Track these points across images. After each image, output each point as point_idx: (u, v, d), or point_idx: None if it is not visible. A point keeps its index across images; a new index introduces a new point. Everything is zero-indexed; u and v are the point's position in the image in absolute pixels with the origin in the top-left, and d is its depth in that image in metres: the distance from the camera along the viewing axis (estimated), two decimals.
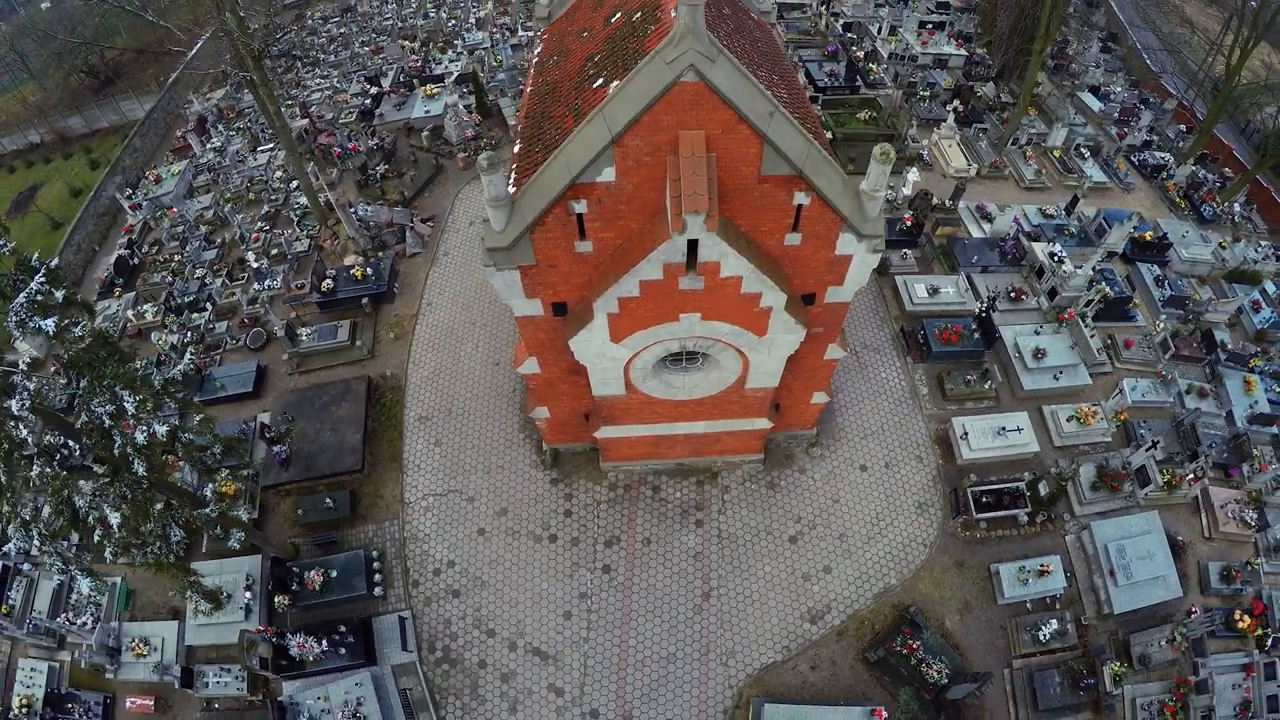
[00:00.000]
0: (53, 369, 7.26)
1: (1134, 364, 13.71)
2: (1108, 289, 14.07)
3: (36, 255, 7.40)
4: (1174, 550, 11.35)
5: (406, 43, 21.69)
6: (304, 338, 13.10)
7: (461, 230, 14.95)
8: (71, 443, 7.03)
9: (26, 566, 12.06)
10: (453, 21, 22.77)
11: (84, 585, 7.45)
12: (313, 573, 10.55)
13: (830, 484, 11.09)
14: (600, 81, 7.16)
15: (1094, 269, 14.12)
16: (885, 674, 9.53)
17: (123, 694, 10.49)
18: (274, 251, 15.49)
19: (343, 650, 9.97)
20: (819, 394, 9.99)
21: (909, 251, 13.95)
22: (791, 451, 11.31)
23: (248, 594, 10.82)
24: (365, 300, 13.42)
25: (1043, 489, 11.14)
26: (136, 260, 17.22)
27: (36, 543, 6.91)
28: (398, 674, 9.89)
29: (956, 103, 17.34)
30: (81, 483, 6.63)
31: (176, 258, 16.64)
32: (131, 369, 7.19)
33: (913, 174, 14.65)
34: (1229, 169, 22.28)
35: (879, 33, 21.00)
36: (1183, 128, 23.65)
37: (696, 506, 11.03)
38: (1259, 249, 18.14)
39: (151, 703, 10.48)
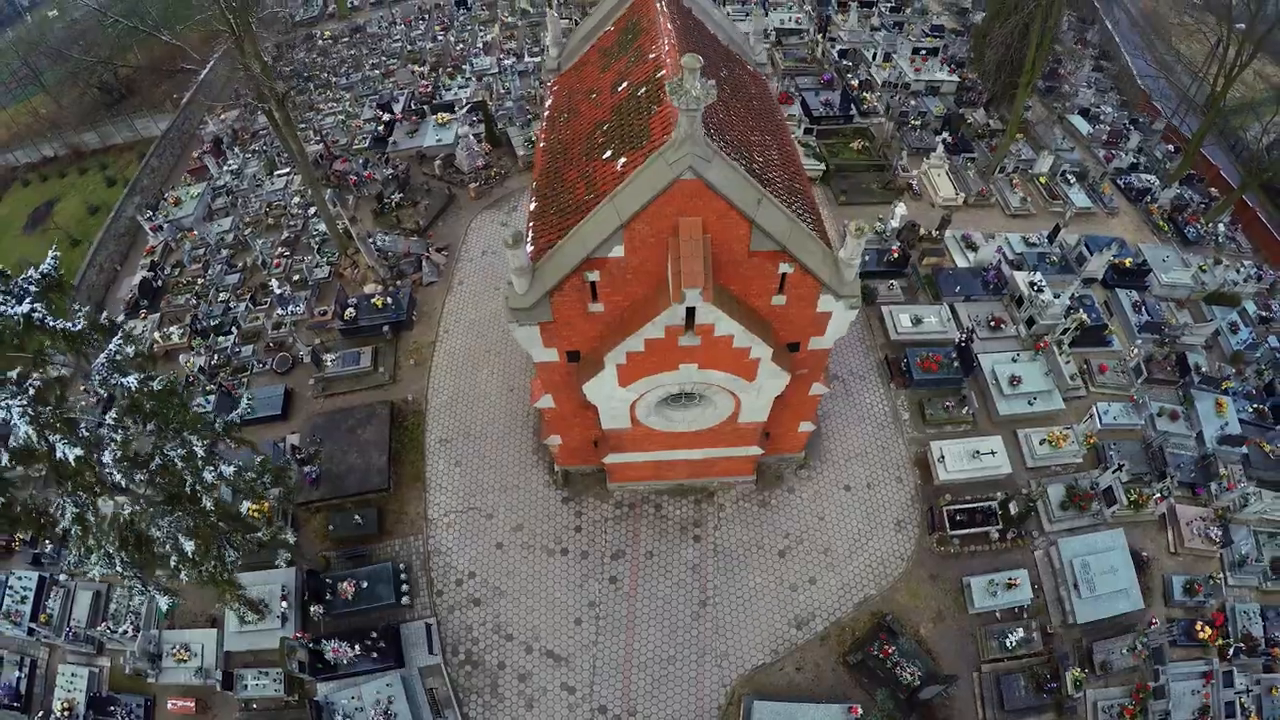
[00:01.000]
0: (112, 412, 8.35)
1: (1108, 388, 14.98)
2: (1085, 316, 15.36)
3: (106, 315, 8.67)
4: (1138, 565, 12.62)
5: (416, 67, 22.95)
6: (329, 363, 14.42)
7: (475, 260, 16.29)
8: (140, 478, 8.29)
9: (63, 578, 13.38)
10: (460, 45, 24.04)
11: (163, 603, 8.73)
12: (345, 583, 11.87)
13: (816, 503, 12.42)
14: (610, 153, 8.46)
15: (1073, 296, 15.43)
16: (863, 676, 10.85)
17: (163, 697, 11.72)
18: (295, 277, 16.80)
19: (374, 654, 11.29)
20: (806, 423, 11.30)
21: (895, 283, 15.25)
22: (781, 473, 12.63)
23: (284, 603, 12.14)
24: (386, 328, 14.74)
25: (1013, 508, 12.45)
26: (160, 282, 18.51)
27: (119, 569, 8.19)
28: (424, 675, 11.22)
29: (945, 134, 18.55)
30: (161, 519, 7.92)
31: (199, 281, 17.95)
32: (197, 415, 8.48)
33: (900, 208, 15.91)
34: (1215, 189, 23.54)
35: (874, 59, 22.25)
36: (1171, 148, 24.89)
37: (694, 523, 12.35)
38: (1241, 269, 19.40)
39: (192, 704, 11.75)
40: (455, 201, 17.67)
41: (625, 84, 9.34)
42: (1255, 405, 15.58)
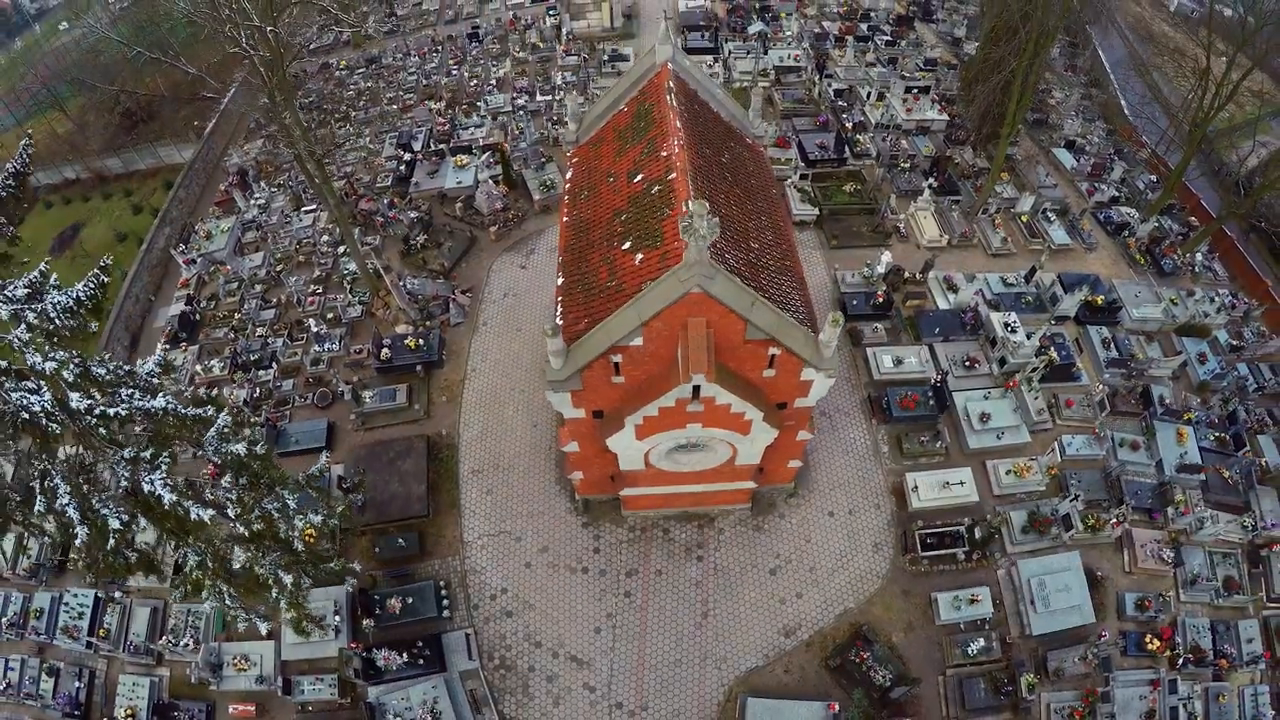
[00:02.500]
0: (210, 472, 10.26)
1: (1073, 421, 17.13)
2: (1055, 355, 17.53)
3: (216, 391, 10.79)
4: (1092, 583, 14.78)
5: (432, 104, 25.00)
6: (368, 399, 16.62)
7: (497, 301, 18.48)
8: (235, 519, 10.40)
9: (119, 595, 15.47)
10: (474, 81, 26.07)
11: (262, 627, 10.87)
12: (393, 599, 14.14)
13: (804, 527, 14.69)
14: (629, 245, 10.64)
15: (1044, 336, 17.58)
16: (842, 677, 13.14)
17: (223, 702, 13.79)
18: (330, 315, 18.96)
19: (420, 661, 13.56)
20: (794, 460, 13.54)
21: (879, 325, 17.45)
22: (773, 501, 14.89)
23: (336, 617, 14.38)
24: (419, 367, 16.93)
25: (978, 532, 14.70)
26: (197, 316, 20.63)
27: (228, 602, 10.37)
28: (464, 678, 13.50)
29: (932, 180, 20.66)
30: (263, 560, 10.11)
31: (236, 315, 20.08)
32: (283, 473, 10.66)
33: (886, 255, 18.07)
34: (1195, 218, 25.63)
35: (868, 97, 24.32)
36: (1154, 178, 26.99)
37: (697, 545, 14.61)
38: (1215, 298, 21.50)
39: (253, 708, 13.92)
40: (476, 243, 19.84)
41: (641, 176, 11.49)
42: (1217, 434, 17.68)
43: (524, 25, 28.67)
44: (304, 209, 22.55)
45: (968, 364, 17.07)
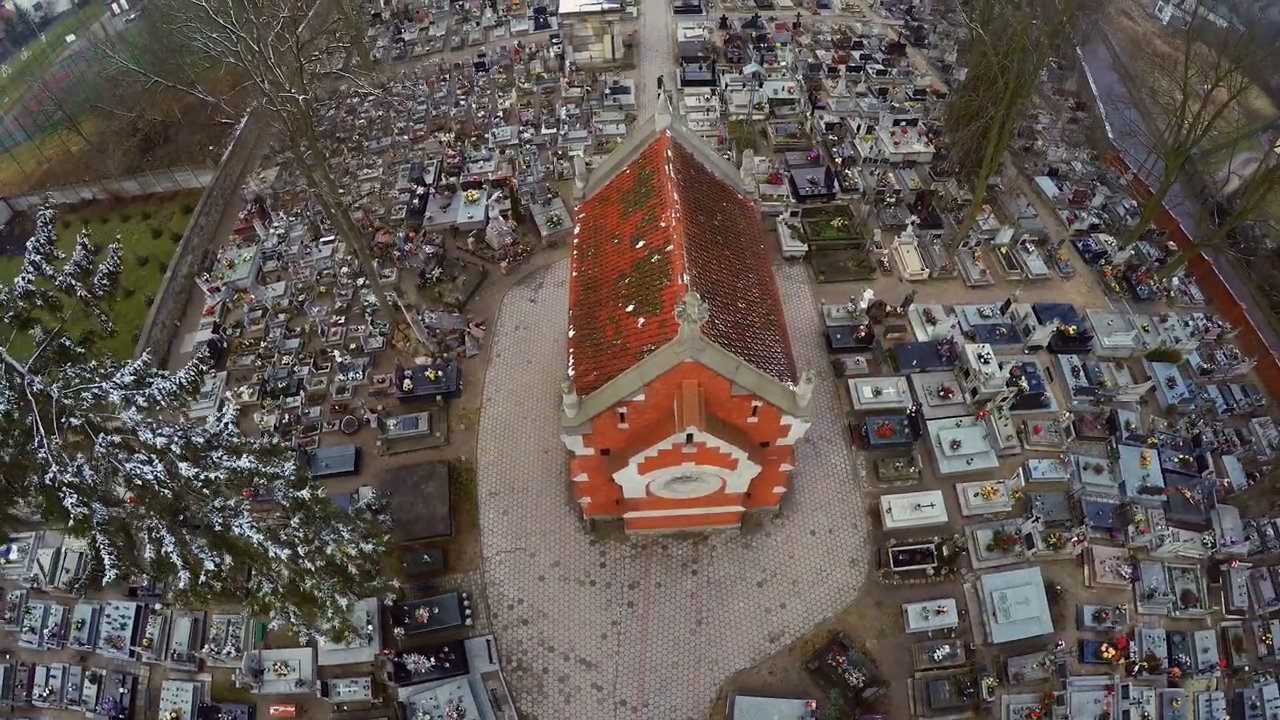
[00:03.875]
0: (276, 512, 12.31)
1: (1040, 446, 19.24)
2: (1025, 384, 19.66)
3: (278, 440, 12.90)
4: (1052, 596, 16.96)
5: (442, 136, 27.07)
6: (392, 427, 18.80)
7: (509, 334, 20.67)
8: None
9: (158, 606, 17.60)
10: (482, 113, 28.13)
11: (322, 641, 13.07)
12: (420, 610, 16.37)
13: (788, 544, 16.93)
14: (632, 308, 12.81)
15: (1015, 366, 19.71)
16: (820, 679, 15.40)
17: (263, 705, 15.98)
18: (352, 346, 21.10)
19: (446, 664, 15.80)
20: (778, 486, 15.75)
21: (861, 358, 19.64)
22: (761, 521, 17.12)
23: (369, 626, 16.63)
24: (438, 396, 19.11)
25: (945, 550, 16.91)
26: (224, 343, 22.75)
27: (292, 620, 12.57)
28: (486, 679, 15.75)
29: (915, 218, 22.78)
30: (324, 585, 12.31)
31: (262, 343, 22.20)
32: (339, 510, 12.82)
33: (868, 293, 20.24)
34: (1174, 243, 27.69)
35: (858, 130, 26.41)
36: (1135, 203, 29.05)
37: (692, 561, 16.85)
38: (1189, 321, 23.56)
39: (292, 709, 16.16)
40: (488, 277, 21.98)
41: (642, 243, 13.64)
42: (1181, 456, 19.72)
43: (528, 54, 30.70)
44: (322, 239, 24.66)
45: (942, 394, 19.25)
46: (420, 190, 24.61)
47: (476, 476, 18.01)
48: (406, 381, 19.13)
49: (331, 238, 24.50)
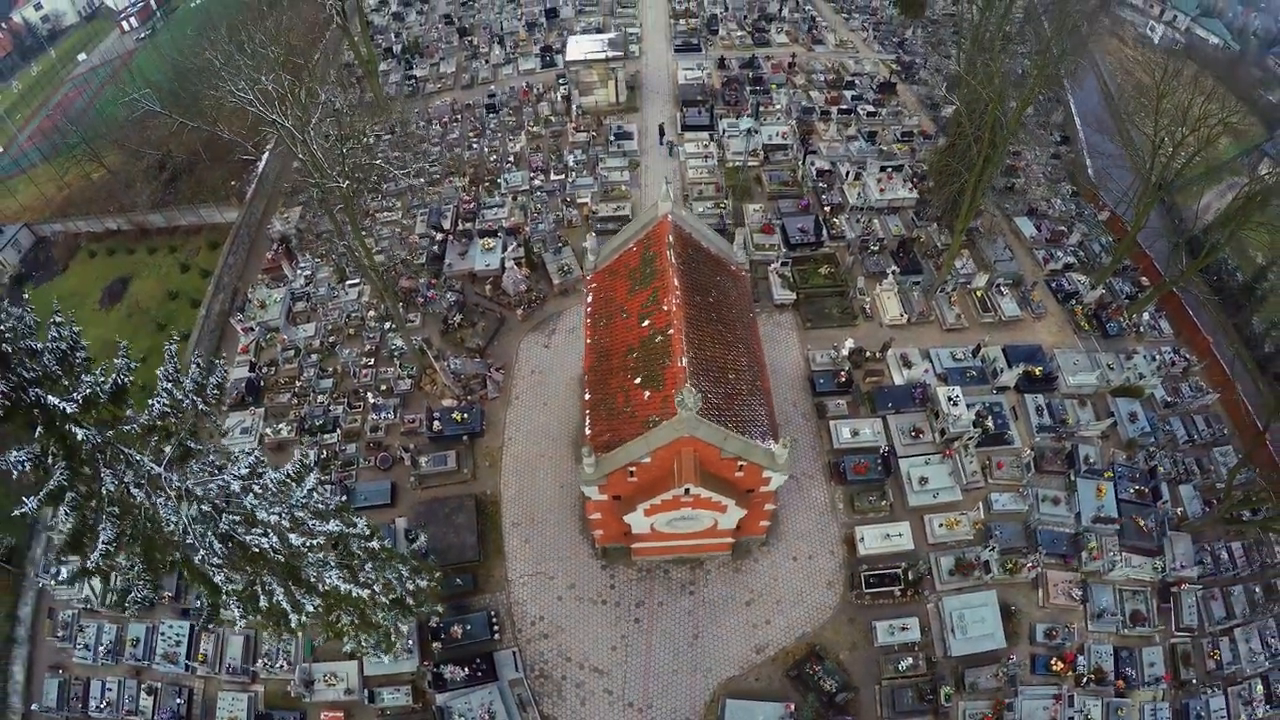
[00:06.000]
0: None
1: (1002, 481, 22.69)
2: (990, 423, 23.08)
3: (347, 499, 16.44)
4: (1007, 615, 20.41)
5: (458, 180, 30.34)
6: (423, 464, 22.29)
7: (526, 377, 24.12)
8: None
9: (210, 625, 21.05)
10: (494, 157, 31.38)
11: (386, 660, 16.68)
12: (454, 626, 19.94)
13: (772, 569, 20.50)
14: (640, 381, 16.26)
15: (980, 408, 23.11)
16: (799, 685, 19.01)
17: (313, 712, 19.52)
18: (383, 387, 24.52)
19: (478, 674, 19.37)
20: (764, 520, 19.30)
21: (842, 401, 23.11)
22: (749, 548, 20.68)
23: (409, 641, 20.19)
24: (464, 436, 22.57)
25: (911, 575, 20.46)
26: (261, 382, 26.13)
27: (362, 645, 16.12)
28: (513, 686, 19.35)
29: (895, 267, 26.17)
30: (388, 615, 15.87)
31: (297, 382, 25.57)
32: (398, 553, 16.33)
33: (850, 342, 23.70)
34: (1147, 278, 30.97)
35: (847, 175, 29.71)
36: (1111, 239, 32.33)
37: (690, 583, 20.42)
38: (1156, 356, 26.82)
39: (341, 715, 19.76)
40: (505, 323, 25.38)
41: (648, 322, 17.05)
42: (1137, 487, 23.10)
43: (536, 95, 33.89)
44: (348, 282, 28.01)
45: (914, 434, 22.75)
46: (439, 236, 27.94)
47: (501, 509, 21.57)
48: (435, 423, 22.61)
49: (356, 280, 27.85)
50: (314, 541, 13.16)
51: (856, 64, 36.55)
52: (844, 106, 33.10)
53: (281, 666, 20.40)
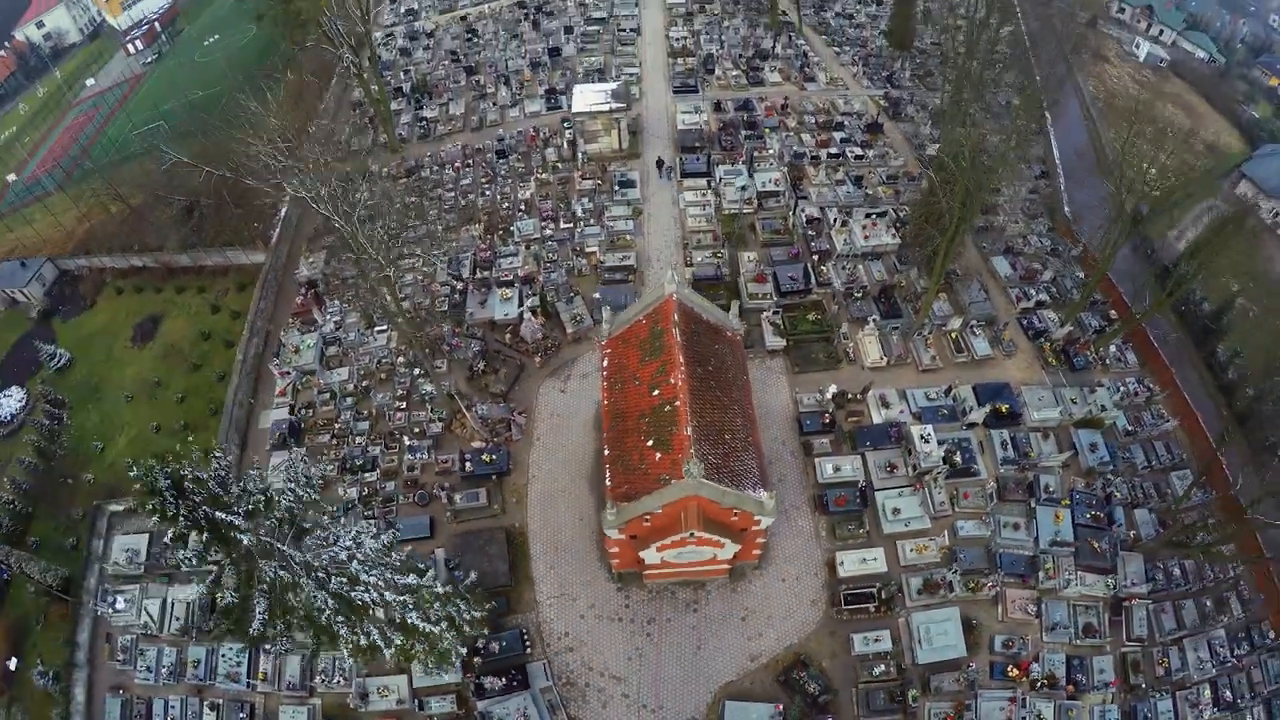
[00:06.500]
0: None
1: (968, 509, 27.65)
2: (958, 458, 27.93)
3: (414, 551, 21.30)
4: (969, 628, 25.34)
5: (474, 229, 34.77)
6: (458, 500, 27.05)
7: (546, 420, 28.85)
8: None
9: (267, 647, 25.84)
10: (506, 205, 35.79)
11: (446, 677, 21.75)
12: (492, 643, 24.84)
13: (764, 589, 25.48)
14: (652, 443, 21.06)
15: (948, 445, 27.94)
16: (787, 688, 24.08)
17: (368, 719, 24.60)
18: (416, 430, 29.17)
19: (513, 683, 24.32)
20: (757, 550, 24.25)
21: (825, 440, 27.96)
22: (744, 572, 25.65)
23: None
24: (494, 475, 27.33)
25: (884, 594, 25.44)
26: (301, 424, 30.71)
27: (429, 665, 21.08)
28: (543, 693, 24.31)
29: (876, 315, 30.91)
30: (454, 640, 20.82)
31: (335, 424, 30.16)
32: (459, 591, 21.16)
33: (833, 387, 28.53)
34: (1116, 312, 35.66)
35: (834, 222, 34.32)
36: (1083, 275, 37.00)
37: (694, 602, 25.38)
38: (1121, 386, 31.56)
39: None
40: (525, 370, 30.03)
41: (657, 392, 21.76)
42: (1094, 512, 28.09)
43: (543, 140, 38.20)
44: (376, 328, 32.53)
45: (889, 468, 27.66)
46: (459, 285, 32.46)
47: (528, 540, 26.44)
48: (467, 464, 27.35)
49: (384, 327, 32.38)
50: (402, 598, 18.02)
51: (846, 103, 40.97)
52: (833, 150, 37.62)
53: (338, 681, 25.29)
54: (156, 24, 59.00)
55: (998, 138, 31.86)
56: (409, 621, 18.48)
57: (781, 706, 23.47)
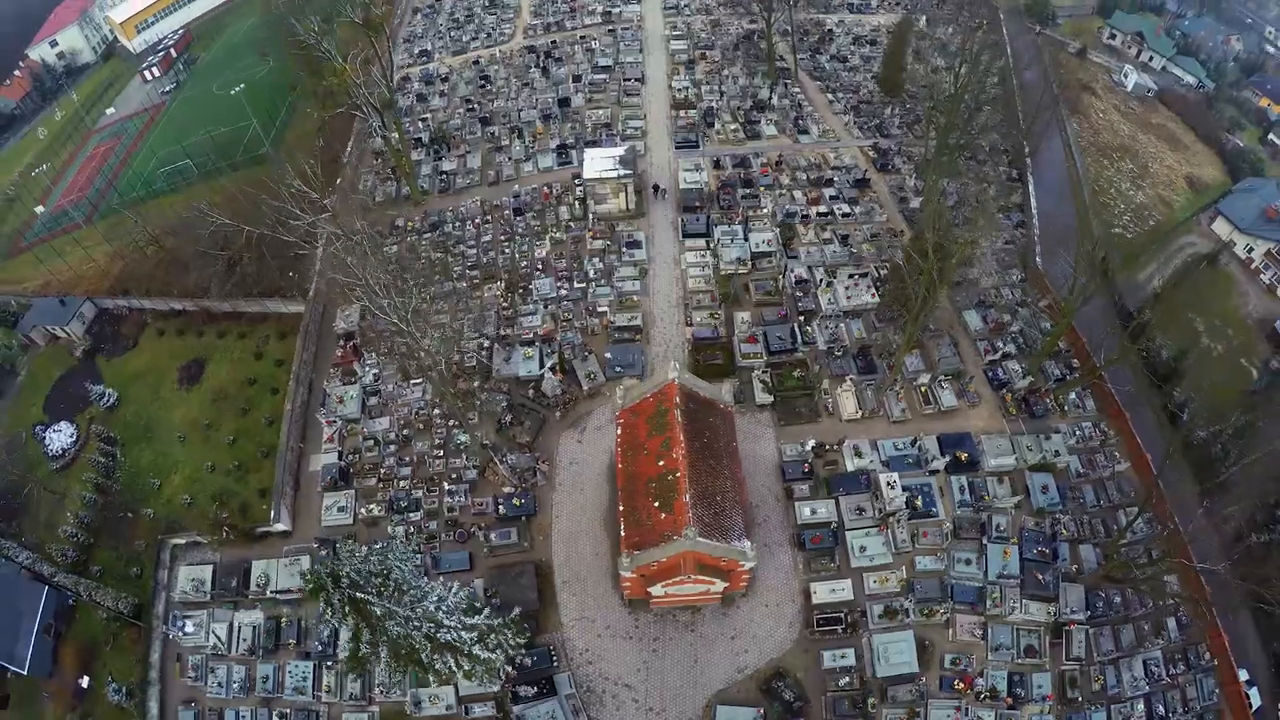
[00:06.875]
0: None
1: (926, 547, 34.25)
2: (920, 503, 34.41)
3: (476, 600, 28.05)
4: (922, 648, 32.20)
5: (495, 288, 40.61)
6: (493, 538, 33.65)
7: (566, 468, 35.31)
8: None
9: (329, 663, 32.77)
10: (524, 263, 41.55)
11: (495, 687, 28.82)
12: (525, 658, 31.68)
13: (751, 613, 32.35)
14: (659, 504, 27.56)
15: (911, 491, 34.39)
16: (768, 696, 31.06)
17: None
18: (454, 475, 35.55)
19: (543, 691, 31.25)
20: (743, 583, 31.02)
21: (805, 486, 34.47)
22: (734, 599, 32.49)
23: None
24: (523, 516, 33.88)
25: (849, 618, 32.22)
26: (351, 469, 37.04)
27: (487, 681, 28.07)
28: (568, 699, 31.28)
29: (852, 374, 37.13)
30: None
31: (380, 469, 36.48)
32: (506, 622, 27.93)
33: (811, 441, 34.93)
34: (1078, 360, 41.54)
35: (820, 282, 40.23)
36: (1048, 324, 42.92)
37: (692, 623, 32.26)
38: (1077, 430, 37.73)
39: None
40: (547, 422, 36.34)
41: (662, 463, 28.11)
42: (1040, 548, 34.70)
43: (556, 198, 43.76)
44: (412, 381, 38.66)
45: (858, 511, 34.22)
46: (485, 342, 38.54)
47: (553, 571, 33.14)
48: (500, 508, 33.89)
49: (419, 380, 38.52)
50: (472, 634, 24.76)
51: (836, 155, 46.41)
52: (822, 209, 43.28)
53: (393, 691, 32.19)
54: (172, 51, 63.05)
55: (977, 187, 37.35)
56: (474, 652, 25.28)
57: (763, 711, 30.48)
